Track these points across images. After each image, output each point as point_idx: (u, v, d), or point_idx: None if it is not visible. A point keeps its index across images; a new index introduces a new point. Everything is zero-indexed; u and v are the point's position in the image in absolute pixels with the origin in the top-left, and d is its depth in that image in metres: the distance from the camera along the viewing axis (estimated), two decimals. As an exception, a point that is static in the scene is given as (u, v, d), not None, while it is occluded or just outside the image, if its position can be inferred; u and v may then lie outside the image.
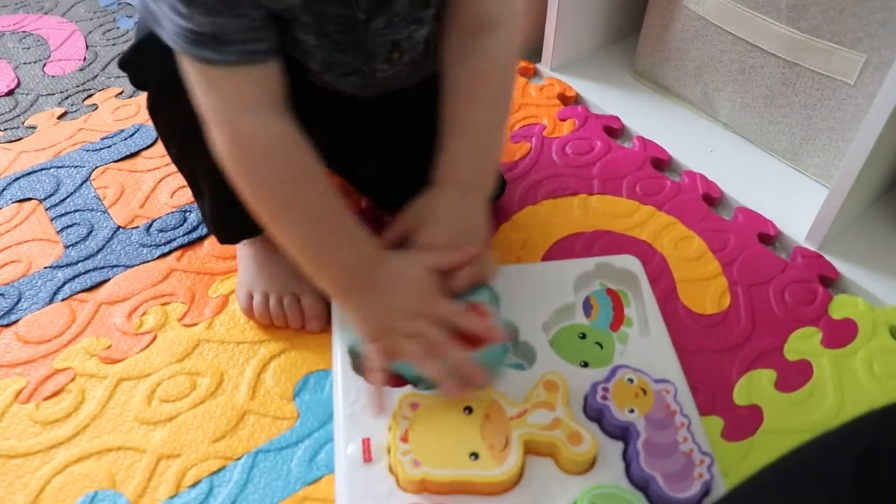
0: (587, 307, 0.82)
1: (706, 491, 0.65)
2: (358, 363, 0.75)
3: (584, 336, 0.80)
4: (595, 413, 0.70)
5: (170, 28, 0.62)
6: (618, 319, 0.81)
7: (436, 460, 0.65)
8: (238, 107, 0.65)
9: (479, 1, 0.73)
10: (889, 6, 0.85)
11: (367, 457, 0.67)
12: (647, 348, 0.77)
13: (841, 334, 0.85)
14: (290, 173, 0.67)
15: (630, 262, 0.84)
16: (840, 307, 0.87)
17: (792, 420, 0.77)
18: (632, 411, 0.69)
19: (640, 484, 0.66)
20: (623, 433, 0.69)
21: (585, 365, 0.77)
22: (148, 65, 0.73)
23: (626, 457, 0.68)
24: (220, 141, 0.66)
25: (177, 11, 0.60)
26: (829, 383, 0.80)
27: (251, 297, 0.84)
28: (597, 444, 0.67)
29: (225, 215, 0.83)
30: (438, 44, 0.77)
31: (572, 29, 1.17)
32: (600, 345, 0.79)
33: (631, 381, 0.71)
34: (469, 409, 0.69)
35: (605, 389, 0.71)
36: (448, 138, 0.74)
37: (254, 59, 0.64)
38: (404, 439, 0.66)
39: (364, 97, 0.80)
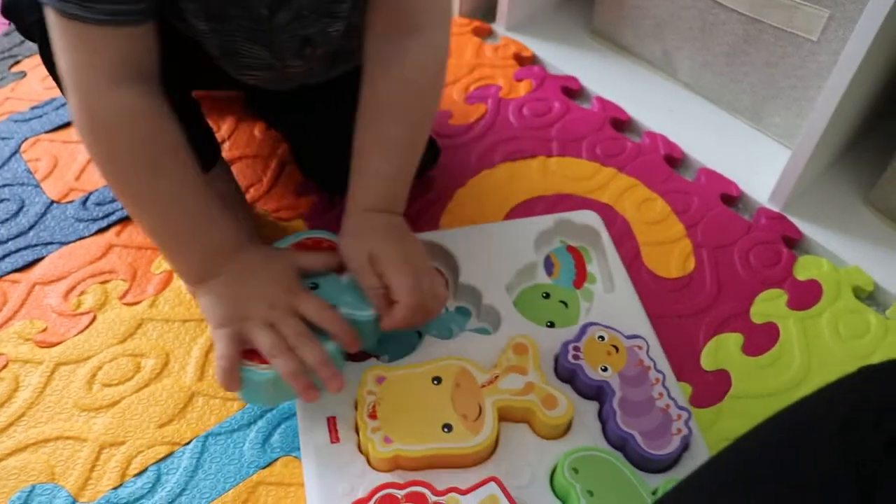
0: (549, 266, 0.79)
1: (685, 446, 0.64)
2: None
3: (547, 296, 0.77)
4: (567, 373, 0.68)
5: None
6: (580, 277, 0.79)
7: (407, 435, 0.62)
8: (94, 74, 0.60)
9: None
10: (853, -42, 0.82)
11: (335, 437, 0.64)
12: (614, 304, 0.75)
13: (806, 296, 0.83)
14: (143, 154, 0.62)
15: (590, 218, 0.82)
16: (804, 268, 0.86)
17: (760, 384, 0.76)
18: (605, 369, 0.67)
19: (618, 443, 0.64)
20: (597, 392, 0.67)
21: (551, 325, 0.74)
22: (27, 9, 0.67)
23: (602, 416, 0.66)
24: (72, 108, 0.62)
25: None
26: (795, 346, 0.79)
27: None
28: (573, 406, 0.65)
29: None
30: (360, 39, 0.71)
31: None
32: (565, 303, 0.76)
33: (602, 338, 0.69)
34: (438, 380, 0.66)
35: (577, 349, 0.68)
36: (362, 156, 0.69)
37: (124, 20, 0.58)
38: (372, 416, 0.63)
39: (280, 90, 0.77)
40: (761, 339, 0.79)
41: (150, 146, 0.62)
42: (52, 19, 0.59)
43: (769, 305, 0.82)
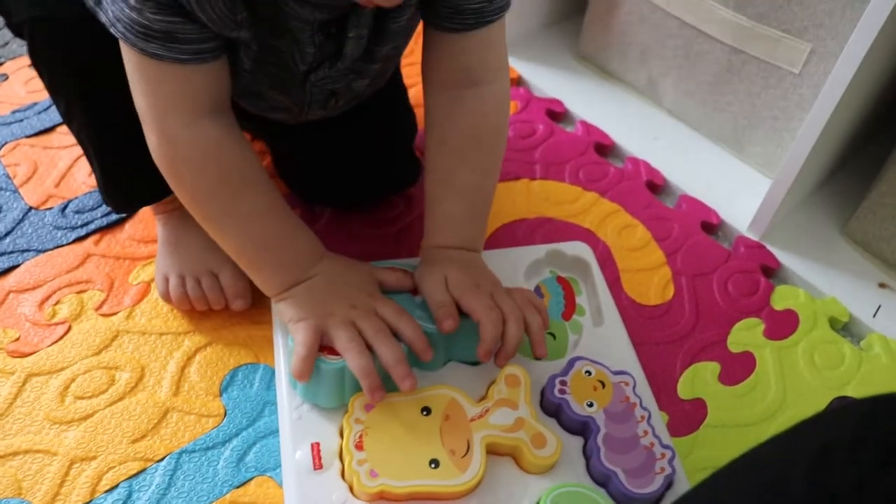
0: (537, 296, 0.79)
1: (668, 485, 0.63)
2: None
3: (536, 326, 0.76)
4: (553, 408, 0.68)
5: (114, 14, 0.57)
6: (569, 308, 0.78)
7: (394, 470, 0.61)
8: (175, 111, 0.61)
9: (465, 52, 0.68)
10: (836, -5, 0.84)
11: (318, 464, 0.63)
12: (602, 338, 0.75)
13: (783, 325, 0.84)
14: (225, 182, 0.64)
15: (581, 249, 0.81)
16: (782, 298, 0.87)
17: (735, 413, 0.76)
18: (591, 405, 0.67)
19: (601, 480, 0.64)
20: (582, 428, 0.67)
21: (539, 357, 0.74)
22: (15, 4, 0.66)
23: (587, 452, 0.66)
24: (151, 143, 0.63)
25: (126, 1, 0.55)
26: (771, 375, 0.79)
27: (167, 281, 0.79)
28: (561, 446, 0.64)
29: (113, 180, 0.77)
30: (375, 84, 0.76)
31: (516, 9, 1.11)
32: (553, 335, 0.76)
33: (589, 373, 0.69)
34: (427, 410, 0.65)
35: (563, 383, 0.68)
36: (433, 201, 0.72)
37: (205, 58, 0.59)
38: (359, 446, 0.62)
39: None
40: (738, 369, 0.80)
41: (231, 175, 0.64)
42: (130, 56, 0.59)
43: (746, 334, 0.83)
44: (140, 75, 0.60)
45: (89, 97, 0.69)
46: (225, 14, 0.57)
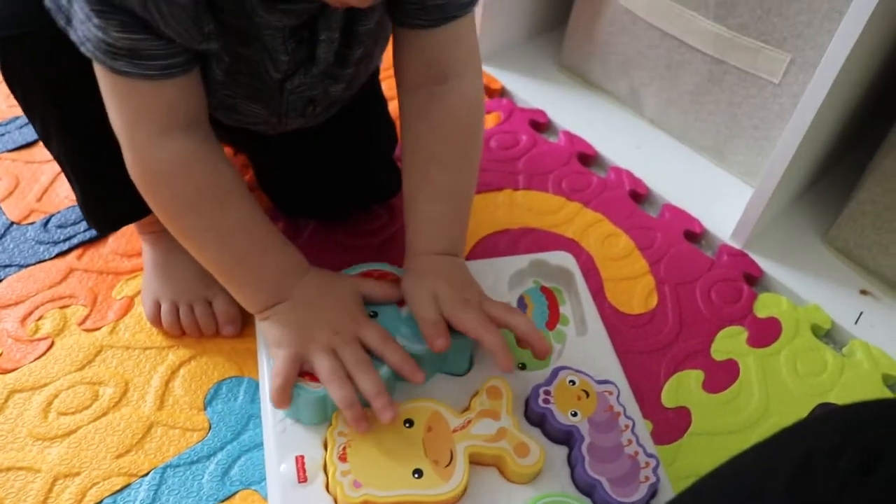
0: (522, 306, 0.79)
1: (653, 493, 0.64)
2: None
3: (520, 337, 0.77)
4: (537, 417, 0.68)
5: (83, 33, 0.57)
6: (553, 318, 0.78)
7: (377, 480, 0.61)
8: (148, 126, 0.61)
9: (432, 48, 0.69)
10: (813, 7, 0.85)
11: (302, 476, 0.63)
12: (586, 347, 0.75)
13: (765, 333, 0.85)
14: (197, 194, 0.64)
15: (565, 259, 0.82)
16: (764, 306, 0.88)
17: (719, 421, 0.77)
18: (575, 414, 0.67)
19: (586, 489, 0.64)
20: (567, 437, 0.67)
21: (523, 367, 0.74)
22: None
23: (571, 461, 0.66)
24: (126, 159, 0.63)
25: (91, 21, 0.55)
26: (754, 383, 0.80)
27: (158, 306, 0.78)
28: (544, 455, 0.64)
29: (94, 199, 0.77)
30: (352, 89, 0.76)
31: (498, 19, 1.14)
32: None
33: (573, 382, 0.69)
34: (410, 422, 0.65)
35: (547, 392, 0.68)
36: (412, 203, 0.72)
37: (173, 73, 0.59)
38: (342, 458, 0.62)
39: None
40: (722, 376, 0.80)
41: (205, 189, 0.64)
42: (101, 74, 0.59)
43: (730, 342, 0.84)
44: (112, 92, 0.60)
45: (65, 116, 0.69)
46: (191, 27, 0.57)
